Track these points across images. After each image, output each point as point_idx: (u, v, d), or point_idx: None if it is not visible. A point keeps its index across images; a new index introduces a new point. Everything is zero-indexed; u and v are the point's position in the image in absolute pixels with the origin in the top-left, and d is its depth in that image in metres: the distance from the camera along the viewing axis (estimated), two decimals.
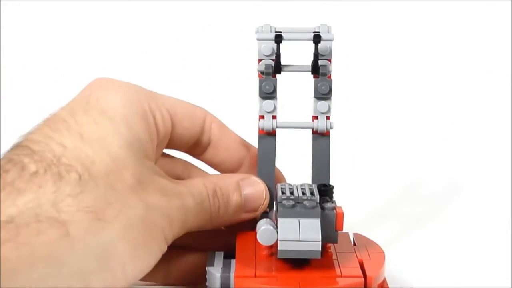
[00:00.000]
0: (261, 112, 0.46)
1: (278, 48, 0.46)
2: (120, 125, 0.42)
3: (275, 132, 0.47)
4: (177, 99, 0.47)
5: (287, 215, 0.42)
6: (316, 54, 0.46)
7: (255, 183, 0.46)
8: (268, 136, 0.47)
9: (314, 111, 0.47)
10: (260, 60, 0.46)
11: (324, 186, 0.46)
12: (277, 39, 0.45)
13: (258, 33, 0.46)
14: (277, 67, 0.46)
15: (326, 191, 0.46)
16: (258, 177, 0.47)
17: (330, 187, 0.46)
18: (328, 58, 0.46)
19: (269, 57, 0.46)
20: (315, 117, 0.47)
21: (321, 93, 0.46)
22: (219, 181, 0.45)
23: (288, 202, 0.42)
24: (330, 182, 0.47)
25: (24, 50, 0.92)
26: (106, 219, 0.37)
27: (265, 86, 0.46)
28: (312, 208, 0.42)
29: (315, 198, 0.43)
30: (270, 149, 0.47)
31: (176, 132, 0.46)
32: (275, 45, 0.46)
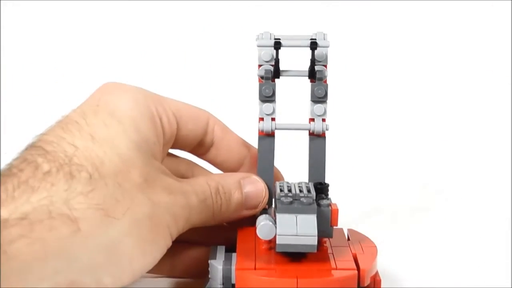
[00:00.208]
0: (261, 115, 0.47)
1: (277, 54, 0.46)
2: (128, 127, 0.42)
3: (274, 133, 0.48)
4: (182, 103, 0.47)
5: (285, 211, 0.42)
6: (313, 60, 0.47)
7: (255, 182, 0.47)
8: (267, 137, 0.48)
9: (311, 113, 0.47)
10: (260, 66, 0.47)
11: (320, 184, 0.47)
12: (276, 45, 0.46)
13: (258, 40, 0.47)
14: (276, 72, 0.47)
15: (322, 189, 0.46)
16: (258, 176, 0.47)
17: (326, 185, 0.47)
18: (324, 64, 0.47)
19: (268, 62, 0.47)
20: (311, 119, 0.47)
21: (318, 96, 0.47)
22: (221, 180, 0.46)
23: (286, 199, 0.43)
24: (325, 180, 0.48)
25: (24, 50, 0.91)
26: (115, 216, 0.38)
27: (264, 90, 0.47)
28: (309, 205, 0.42)
29: (311, 195, 0.43)
30: (269, 149, 0.48)
31: (181, 134, 0.47)
32: (275, 52, 0.46)
